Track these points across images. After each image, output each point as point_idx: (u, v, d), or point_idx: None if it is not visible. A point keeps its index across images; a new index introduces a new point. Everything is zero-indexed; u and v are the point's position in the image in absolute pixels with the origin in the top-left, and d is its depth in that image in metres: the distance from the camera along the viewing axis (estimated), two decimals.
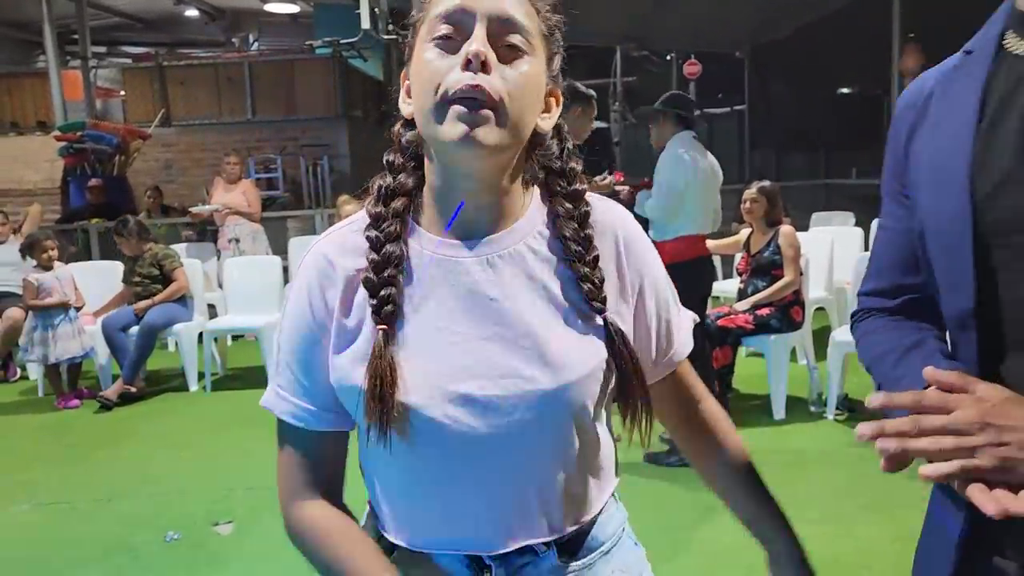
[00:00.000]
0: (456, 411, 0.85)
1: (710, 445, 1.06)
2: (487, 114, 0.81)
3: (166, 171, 10.45)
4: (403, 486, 0.91)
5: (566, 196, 0.92)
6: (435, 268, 0.88)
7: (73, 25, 10.52)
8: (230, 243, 6.66)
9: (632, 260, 0.95)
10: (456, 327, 0.86)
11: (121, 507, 3.60)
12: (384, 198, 0.90)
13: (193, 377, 5.48)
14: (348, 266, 0.90)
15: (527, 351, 0.86)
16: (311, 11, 12.78)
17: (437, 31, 0.84)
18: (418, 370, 0.85)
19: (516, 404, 0.85)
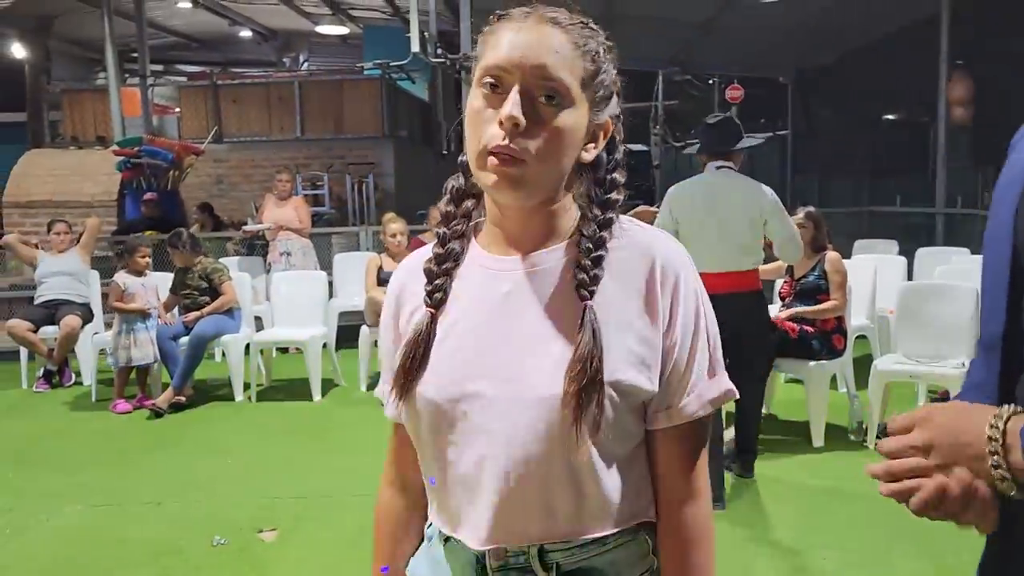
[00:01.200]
0: (464, 406, 0.95)
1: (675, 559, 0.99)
2: (516, 171, 0.90)
3: (217, 186, 10.73)
4: (428, 470, 1.01)
5: (600, 203, 0.98)
6: (480, 277, 0.99)
7: (133, 44, 10.91)
8: (282, 256, 6.83)
9: (666, 289, 0.96)
10: (482, 332, 0.96)
11: (170, 511, 3.72)
12: (455, 199, 1.02)
13: (239, 387, 5.62)
14: (418, 278, 1.02)
15: (533, 359, 0.93)
16: (360, 33, 13.08)
17: (484, 80, 0.93)
18: (443, 365, 0.96)
19: (512, 405, 0.93)
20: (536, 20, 0.93)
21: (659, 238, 1.00)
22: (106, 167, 9.22)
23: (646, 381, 0.94)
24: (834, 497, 3.62)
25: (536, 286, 0.96)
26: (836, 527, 3.33)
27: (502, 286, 0.97)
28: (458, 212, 1.01)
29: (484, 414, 0.94)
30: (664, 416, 0.96)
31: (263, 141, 10.85)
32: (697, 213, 3.57)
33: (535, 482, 0.93)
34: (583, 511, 0.95)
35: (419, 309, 1.00)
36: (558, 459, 0.92)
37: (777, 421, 4.67)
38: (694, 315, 0.97)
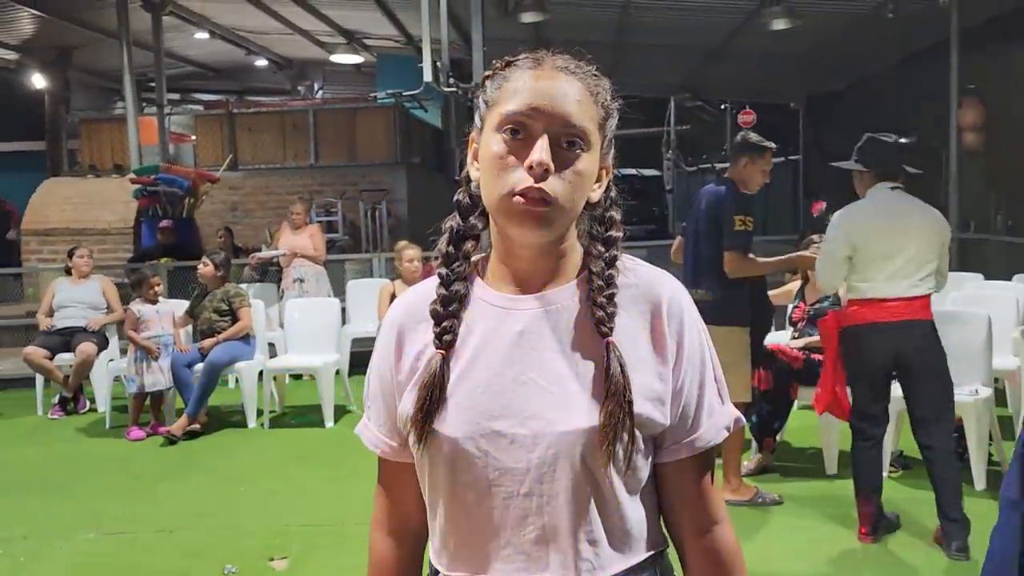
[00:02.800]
0: (487, 445, 0.95)
1: None
2: (544, 211, 0.93)
3: (232, 213, 10.84)
4: (441, 511, 1.00)
5: (602, 240, 1.01)
6: (491, 316, 1.00)
7: (151, 74, 11.10)
8: (295, 283, 6.88)
9: (673, 326, 1.00)
10: (500, 370, 0.97)
11: (182, 539, 3.73)
12: (454, 241, 1.02)
13: (252, 414, 5.65)
14: (419, 319, 1.02)
15: (555, 397, 0.95)
16: (374, 61, 13.26)
17: (507, 124, 0.95)
18: (461, 405, 0.97)
19: (536, 442, 0.94)
20: (551, 68, 0.97)
21: (662, 275, 1.04)
22: (123, 195, 9.35)
23: (660, 415, 0.97)
24: (847, 525, 3.59)
25: (551, 324, 0.98)
26: (852, 553, 3.30)
27: (515, 325, 0.98)
28: (459, 253, 1.02)
29: (508, 452, 0.95)
30: (686, 446, 1.00)
31: (277, 168, 10.98)
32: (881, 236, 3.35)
33: (564, 517, 0.95)
34: (612, 541, 0.97)
35: (426, 350, 1.01)
36: (586, 493, 0.95)
37: (790, 448, 4.64)
38: (699, 347, 1.01)
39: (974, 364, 4.11)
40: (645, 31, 10.04)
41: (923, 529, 3.50)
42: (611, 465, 0.94)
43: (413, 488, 1.05)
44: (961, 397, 3.96)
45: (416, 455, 1.00)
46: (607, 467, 0.94)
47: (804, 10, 8.28)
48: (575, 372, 0.96)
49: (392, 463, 1.07)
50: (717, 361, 1.04)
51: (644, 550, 1.00)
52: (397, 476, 1.07)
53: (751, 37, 9.78)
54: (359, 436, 1.09)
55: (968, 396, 3.94)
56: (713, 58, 11.48)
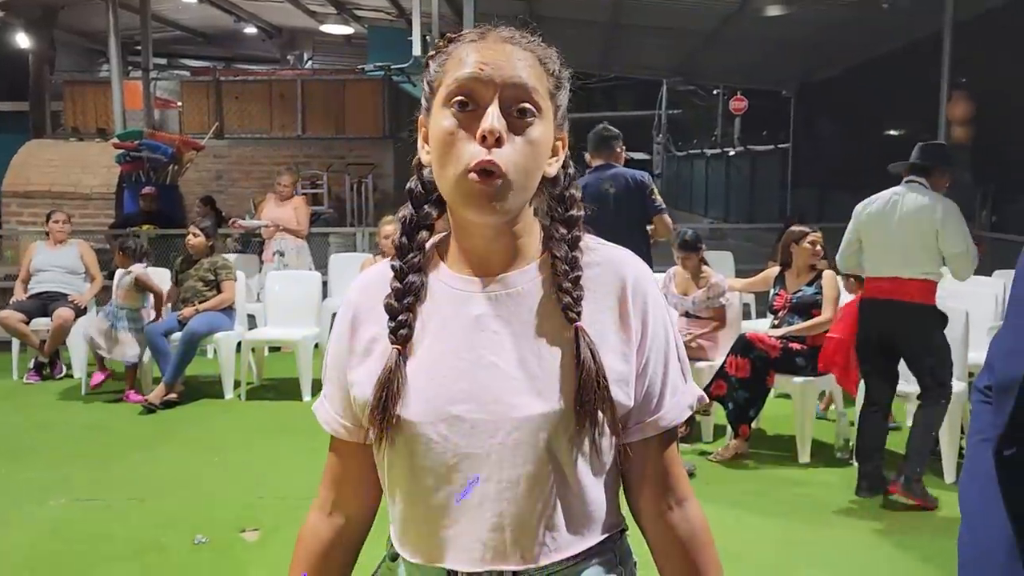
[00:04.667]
0: (446, 430, 0.94)
1: (679, 559, 1.02)
2: (499, 183, 0.90)
3: (216, 181, 10.75)
4: (401, 496, 0.99)
5: (562, 221, 0.99)
6: (449, 300, 0.97)
7: (137, 37, 10.93)
8: (275, 256, 6.83)
9: (637, 306, 0.98)
10: (459, 354, 0.95)
11: (153, 507, 3.71)
12: (408, 231, 1.00)
13: (229, 385, 5.62)
14: (376, 300, 1.00)
15: (517, 381, 0.94)
16: (365, 33, 13.11)
17: (454, 97, 0.92)
18: (421, 390, 0.95)
19: (498, 427, 0.93)
20: (495, 39, 0.95)
21: (625, 254, 1.03)
22: (105, 159, 9.23)
23: (624, 396, 0.96)
24: (818, 512, 3.62)
25: (512, 308, 0.96)
26: (819, 542, 3.34)
27: (475, 308, 0.96)
28: (412, 244, 0.99)
29: (469, 437, 0.93)
30: (651, 425, 0.99)
31: (264, 139, 10.88)
32: (877, 224, 3.80)
33: (526, 502, 0.93)
34: (571, 525, 0.96)
35: (380, 336, 0.99)
36: (547, 479, 0.94)
37: (765, 435, 4.67)
38: (663, 327, 1.01)
39: None
40: (639, 12, 9.97)
41: (889, 522, 3.54)
42: (575, 449, 0.93)
43: (363, 471, 1.04)
44: None
45: (375, 442, 0.98)
46: (572, 452, 0.94)
47: None
48: (537, 356, 0.95)
49: (345, 443, 1.05)
50: (680, 340, 1.04)
51: (602, 532, 0.99)
52: (348, 456, 1.05)
53: (745, 23, 9.73)
54: (315, 413, 1.07)
55: None
56: (707, 43, 11.42)
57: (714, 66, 14.39)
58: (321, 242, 8.07)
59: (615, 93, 24.71)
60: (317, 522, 1.08)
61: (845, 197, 13.45)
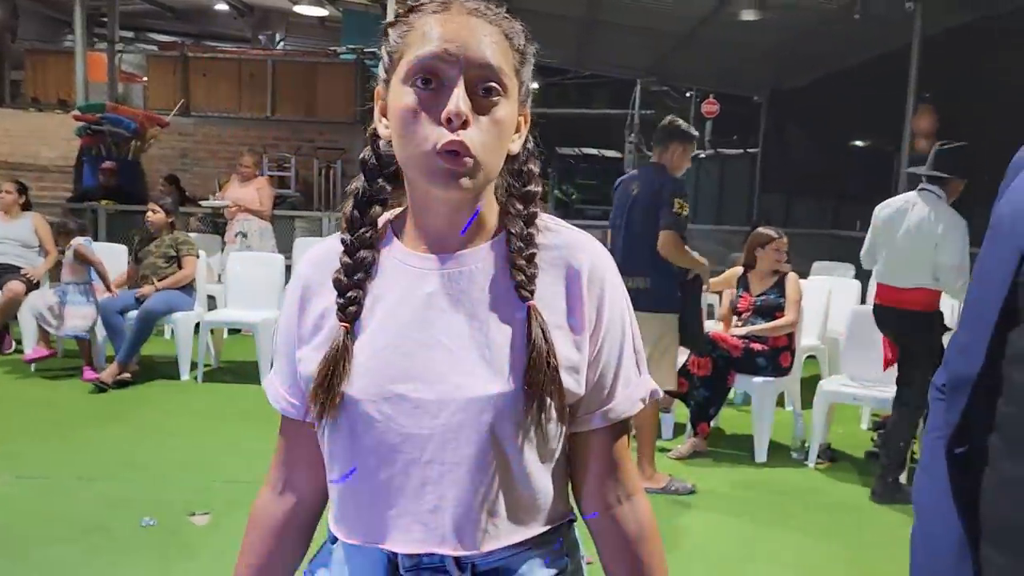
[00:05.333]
0: (389, 409, 0.91)
1: (625, 555, 1.00)
2: (467, 163, 0.87)
3: (181, 160, 10.54)
4: (341, 477, 0.96)
5: (519, 197, 0.97)
6: (402, 276, 0.94)
7: (104, 8, 10.66)
8: (237, 237, 6.72)
9: (593, 292, 0.95)
10: (407, 332, 0.92)
11: (101, 488, 3.62)
12: (360, 204, 0.96)
13: (186, 367, 5.52)
14: (325, 275, 0.97)
15: (464, 361, 0.91)
16: (339, 15, 12.94)
17: (418, 73, 0.88)
18: (365, 367, 0.92)
19: (442, 407, 0.90)
20: (459, 10, 0.90)
21: (586, 238, 0.99)
22: (65, 131, 9.01)
23: (574, 384, 0.93)
24: (773, 510, 3.66)
25: (464, 286, 0.93)
26: (773, 539, 3.36)
27: (426, 286, 0.94)
28: (364, 218, 0.96)
29: (412, 417, 0.90)
30: (600, 416, 0.97)
31: (231, 118, 10.68)
32: (887, 231, 3.90)
33: (465, 487, 0.91)
34: (514, 513, 0.93)
35: (329, 312, 0.96)
36: (490, 463, 0.91)
37: (723, 435, 4.71)
38: (620, 316, 0.98)
39: None
40: (615, 10, 9.96)
41: (841, 521, 3.58)
42: (521, 434, 0.91)
43: (313, 449, 1.00)
44: (889, 395, 4.05)
45: (315, 420, 0.95)
46: (517, 437, 0.91)
47: (773, 2, 8.30)
48: (487, 337, 0.92)
49: (293, 421, 1.02)
50: (637, 332, 1.01)
51: (547, 522, 0.97)
52: (297, 435, 1.02)
53: (720, 26, 9.77)
54: (265, 390, 1.04)
55: (886, 393, 4.03)
56: (681, 44, 11.46)
57: (688, 68, 14.47)
58: (287, 225, 7.96)
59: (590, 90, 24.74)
60: (268, 502, 1.05)
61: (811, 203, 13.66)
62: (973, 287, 0.86)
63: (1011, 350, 0.78)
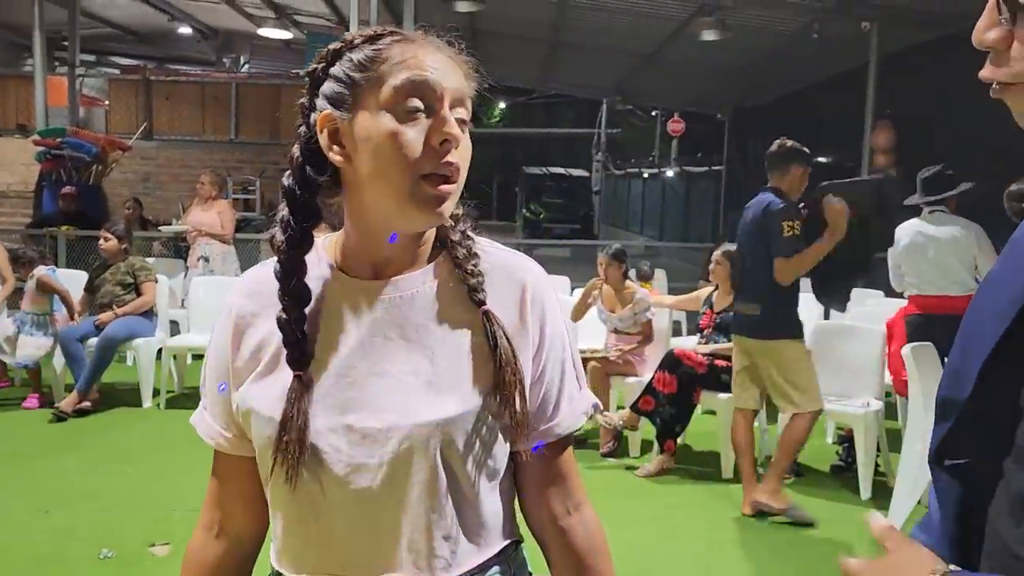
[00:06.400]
0: (337, 440, 0.89)
1: (575, 565, 1.00)
2: (452, 190, 0.89)
3: (143, 184, 10.42)
4: (286, 510, 0.94)
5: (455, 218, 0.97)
6: (343, 305, 0.93)
7: (64, 32, 10.55)
8: (199, 261, 6.64)
9: (535, 312, 0.96)
10: (353, 362, 0.91)
11: (58, 520, 3.54)
12: (291, 244, 0.92)
13: (148, 393, 5.43)
14: (260, 305, 0.95)
15: (409, 388, 0.90)
16: (304, 38, 12.92)
17: (401, 101, 0.87)
18: (312, 399, 0.90)
19: (389, 435, 0.88)
20: (426, 42, 0.92)
21: (522, 258, 1.01)
22: (25, 157, 8.88)
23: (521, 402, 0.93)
24: (741, 528, 3.66)
25: (405, 312, 0.93)
26: (742, 557, 3.37)
27: (366, 314, 0.93)
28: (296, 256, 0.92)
29: (360, 448, 0.89)
30: (546, 432, 0.98)
31: (195, 141, 10.60)
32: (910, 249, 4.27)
33: (418, 513, 0.90)
34: (467, 536, 0.93)
35: (267, 342, 0.93)
36: (441, 488, 0.90)
37: (690, 451, 4.72)
38: (561, 333, 0.99)
39: (867, 378, 4.26)
40: (580, 31, 10.08)
41: (806, 536, 3.59)
42: (470, 456, 0.90)
43: (251, 486, 0.98)
44: (852, 409, 4.10)
45: (263, 462, 0.93)
46: (466, 459, 0.90)
47: (734, 23, 8.45)
48: (432, 361, 0.91)
49: (228, 456, 0.99)
50: (576, 347, 1.03)
51: (499, 541, 0.97)
52: (233, 471, 0.99)
53: (683, 47, 9.92)
54: (193, 427, 1.01)
55: (859, 408, 4.08)
56: (645, 64, 11.62)
57: (652, 88, 14.65)
58: (251, 248, 7.89)
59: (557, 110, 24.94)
60: (203, 544, 1.02)
61: None
62: (969, 313, 0.84)
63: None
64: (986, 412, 0.78)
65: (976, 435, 0.79)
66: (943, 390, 0.85)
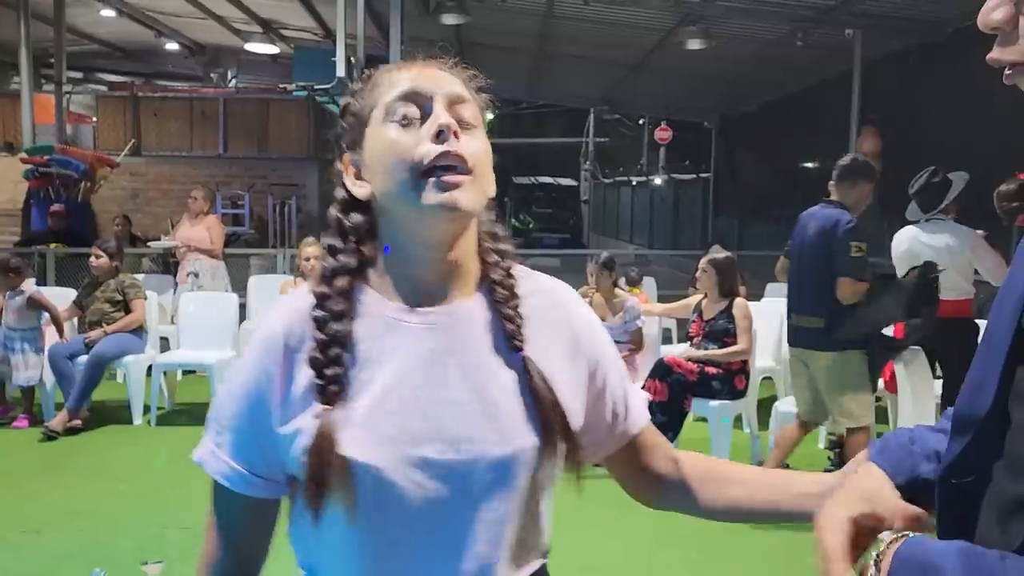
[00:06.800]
0: (416, 475, 0.87)
1: (719, 484, 1.06)
2: (465, 178, 0.87)
3: (132, 200, 10.40)
4: (361, 552, 0.90)
5: (494, 249, 0.98)
6: (391, 334, 0.91)
7: (51, 49, 10.54)
8: (188, 277, 6.63)
9: (587, 340, 1.00)
10: (411, 392, 0.89)
11: (50, 540, 3.52)
12: (327, 278, 0.92)
13: (139, 411, 5.40)
14: (297, 341, 0.91)
15: (478, 416, 0.90)
16: (291, 52, 12.94)
17: (396, 112, 0.89)
18: (377, 434, 0.87)
19: (471, 469, 0.88)
20: (421, 64, 0.94)
21: (557, 282, 1.03)
22: (13, 174, 8.85)
23: (576, 423, 0.96)
24: (731, 533, 3.66)
25: (457, 339, 0.92)
26: (736, 565, 3.38)
27: (425, 341, 0.91)
28: (333, 291, 0.91)
29: (438, 480, 0.87)
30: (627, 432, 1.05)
31: (183, 157, 10.58)
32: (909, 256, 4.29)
33: (499, 540, 0.91)
34: (527, 556, 0.96)
35: (303, 378, 0.90)
36: (519, 514, 0.92)
37: None
38: (607, 342, 1.04)
39: None
40: (567, 42, 10.13)
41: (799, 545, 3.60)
42: (542, 482, 0.93)
43: (265, 525, 0.95)
44: None
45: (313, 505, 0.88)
46: (537, 484, 0.92)
47: (719, 32, 8.51)
48: (492, 391, 0.91)
49: (243, 497, 0.93)
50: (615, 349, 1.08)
51: (542, 556, 1.00)
52: (248, 511, 0.94)
53: (668, 56, 9.99)
54: (200, 465, 0.94)
55: None
56: (632, 73, 11.68)
57: (639, 97, 14.72)
58: (241, 263, 7.88)
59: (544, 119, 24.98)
60: None
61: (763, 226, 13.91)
62: (991, 318, 0.83)
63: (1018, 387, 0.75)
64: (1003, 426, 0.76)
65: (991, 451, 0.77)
66: (961, 406, 0.83)
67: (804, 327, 3.79)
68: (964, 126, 7.61)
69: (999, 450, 0.76)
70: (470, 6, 8.44)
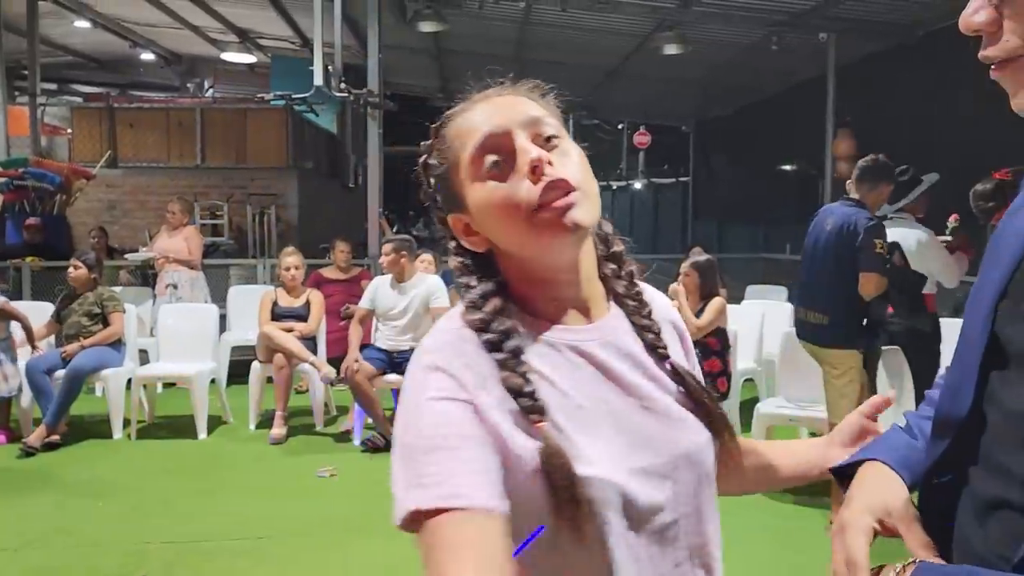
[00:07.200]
0: (638, 486, 0.88)
1: (755, 462, 1.13)
2: (574, 195, 0.87)
3: (109, 212, 10.29)
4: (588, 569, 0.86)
5: (608, 258, 0.99)
6: (561, 354, 0.91)
7: (24, 61, 10.43)
8: (167, 288, 6.57)
9: (686, 339, 1.06)
10: (600, 406, 0.90)
11: (30, 558, 3.47)
12: (477, 306, 0.91)
13: (118, 424, 5.34)
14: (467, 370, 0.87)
15: (668, 419, 0.94)
16: (268, 61, 12.90)
17: (484, 163, 0.89)
18: (592, 450, 0.86)
19: (674, 466, 0.92)
20: (482, 99, 0.94)
21: (659, 295, 1.06)
22: None
23: None
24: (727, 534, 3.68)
25: (616, 353, 0.94)
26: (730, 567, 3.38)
27: (594, 356, 0.92)
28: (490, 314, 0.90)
29: (651, 485, 0.89)
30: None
31: (161, 168, 10.48)
32: None
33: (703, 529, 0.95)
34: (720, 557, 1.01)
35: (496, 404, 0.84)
36: (713, 504, 0.97)
37: None
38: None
39: None
40: (545, 47, 10.16)
41: (787, 545, 3.63)
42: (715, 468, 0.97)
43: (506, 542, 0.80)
44: (823, 415, 4.14)
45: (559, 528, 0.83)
46: (715, 471, 0.97)
47: (695, 37, 8.58)
48: (667, 391, 0.95)
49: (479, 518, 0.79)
50: None
51: None
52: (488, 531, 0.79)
53: (646, 61, 10.05)
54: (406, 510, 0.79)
55: (820, 413, 4.12)
56: (610, 79, 11.75)
57: (617, 102, 14.79)
58: (221, 274, 7.82)
59: None
60: None
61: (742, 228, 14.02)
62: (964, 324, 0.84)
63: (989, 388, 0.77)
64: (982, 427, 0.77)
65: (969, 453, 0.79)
66: (941, 409, 0.84)
67: (811, 322, 3.81)
68: (937, 127, 7.72)
69: (977, 452, 0.77)
70: (447, 14, 8.46)
